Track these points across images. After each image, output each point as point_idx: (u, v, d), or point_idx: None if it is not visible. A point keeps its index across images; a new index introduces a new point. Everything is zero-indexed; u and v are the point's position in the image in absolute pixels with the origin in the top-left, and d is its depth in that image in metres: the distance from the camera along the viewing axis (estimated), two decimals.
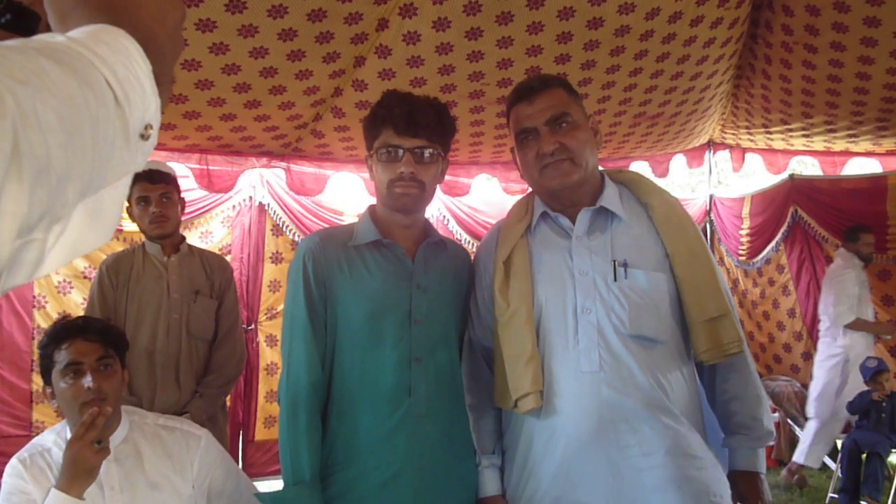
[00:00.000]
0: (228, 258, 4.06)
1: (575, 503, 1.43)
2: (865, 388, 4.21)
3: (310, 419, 1.50)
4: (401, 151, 1.54)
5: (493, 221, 1.81)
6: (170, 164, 3.78)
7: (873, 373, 4.20)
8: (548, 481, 1.45)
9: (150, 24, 0.56)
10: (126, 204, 2.68)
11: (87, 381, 1.64)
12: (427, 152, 1.56)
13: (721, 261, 5.41)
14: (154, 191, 2.59)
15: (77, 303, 3.70)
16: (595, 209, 1.54)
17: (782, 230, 5.02)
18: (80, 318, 1.86)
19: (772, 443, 1.62)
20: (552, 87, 1.56)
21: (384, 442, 1.51)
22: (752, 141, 4.92)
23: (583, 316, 1.45)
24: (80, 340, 1.69)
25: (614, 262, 1.47)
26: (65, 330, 1.71)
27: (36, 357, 3.66)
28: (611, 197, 1.55)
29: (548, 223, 1.59)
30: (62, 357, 1.66)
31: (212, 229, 4.10)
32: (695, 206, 5.45)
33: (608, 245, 1.50)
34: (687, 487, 1.39)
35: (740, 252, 5.34)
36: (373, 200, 1.70)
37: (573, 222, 1.54)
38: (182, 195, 2.77)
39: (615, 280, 1.45)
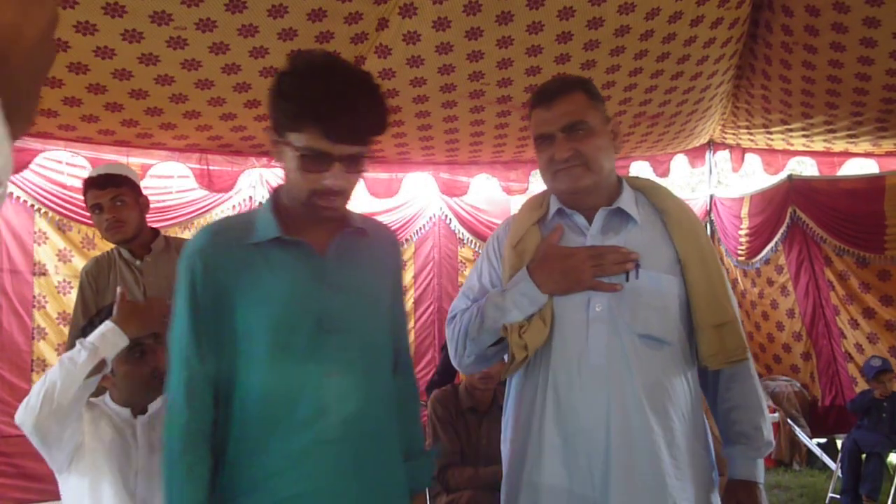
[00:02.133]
0: None
1: (572, 491, 1.43)
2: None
3: (188, 451, 1.28)
4: (330, 160, 1.25)
5: (497, 220, 1.81)
6: (170, 163, 3.77)
7: (877, 372, 4.20)
8: (548, 475, 1.46)
9: (1, 45, 0.44)
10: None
11: (151, 361, 1.74)
12: (361, 155, 1.29)
13: (720, 260, 5.40)
14: (104, 196, 2.46)
15: None
16: (611, 210, 1.55)
17: (781, 230, 5.02)
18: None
19: None
20: (572, 91, 1.54)
21: (292, 468, 1.29)
22: (752, 141, 4.93)
23: (593, 311, 1.47)
24: None
25: None
26: None
27: (36, 357, 3.68)
28: (627, 200, 1.56)
29: (563, 219, 1.59)
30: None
31: None
32: (695, 206, 5.45)
33: (621, 245, 1.51)
34: (671, 495, 1.41)
35: (739, 252, 5.35)
36: (374, 200, 1.59)
37: (589, 221, 1.55)
38: (144, 195, 2.59)
39: (627, 280, 1.47)
